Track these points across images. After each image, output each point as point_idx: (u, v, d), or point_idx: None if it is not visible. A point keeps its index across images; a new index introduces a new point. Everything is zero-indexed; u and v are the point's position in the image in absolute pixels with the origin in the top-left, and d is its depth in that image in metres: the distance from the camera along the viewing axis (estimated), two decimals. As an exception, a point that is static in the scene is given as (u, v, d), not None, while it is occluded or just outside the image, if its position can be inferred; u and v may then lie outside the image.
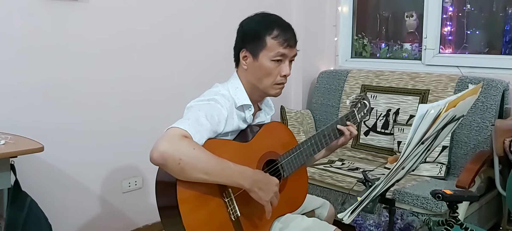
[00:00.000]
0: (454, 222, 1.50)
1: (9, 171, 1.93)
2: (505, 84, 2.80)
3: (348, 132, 1.77)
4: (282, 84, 1.63)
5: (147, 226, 2.89)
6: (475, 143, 2.78)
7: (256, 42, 1.58)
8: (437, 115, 1.19)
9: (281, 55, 1.58)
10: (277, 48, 1.57)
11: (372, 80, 3.31)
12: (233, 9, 3.08)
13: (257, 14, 1.65)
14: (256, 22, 1.62)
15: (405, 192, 2.50)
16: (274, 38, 1.57)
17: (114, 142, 2.68)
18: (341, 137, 1.78)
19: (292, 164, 1.66)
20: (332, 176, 2.81)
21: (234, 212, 1.49)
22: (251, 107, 1.64)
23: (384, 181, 1.34)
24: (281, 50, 1.57)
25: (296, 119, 3.38)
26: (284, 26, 1.60)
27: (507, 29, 3.20)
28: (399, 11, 3.68)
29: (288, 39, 1.58)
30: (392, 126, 3.10)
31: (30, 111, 2.34)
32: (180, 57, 2.94)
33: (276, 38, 1.56)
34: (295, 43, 1.62)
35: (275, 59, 1.57)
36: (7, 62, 2.26)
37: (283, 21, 1.62)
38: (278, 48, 1.57)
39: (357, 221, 2.33)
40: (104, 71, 2.60)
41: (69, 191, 2.54)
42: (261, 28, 1.58)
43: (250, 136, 1.62)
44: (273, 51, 1.57)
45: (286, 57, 1.60)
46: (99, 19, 2.55)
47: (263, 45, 1.57)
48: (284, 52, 1.58)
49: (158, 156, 1.34)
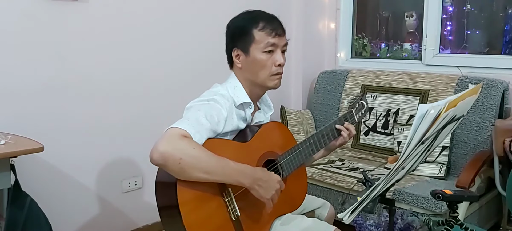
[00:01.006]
0: (454, 222, 1.50)
1: (9, 171, 1.93)
2: (505, 84, 2.80)
3: (346, 132, 1.77)
4: (279, 74, 1.64)
5: (147, 226, 2.89)
6: (475, 143, 2.78)
7: (245, 38, 1.59)
8: (437, 115, 1.19)
9: (271, 45, 1.59)
10: (266, 39, 1.58)
11: (372, 80, 3.31)
12: (233, 9, 3.07)
13: (241, 13, 1.67)
14: (241, 19, 1.64)
15: (405, 192, 2.50)
16: (261, 30, 1.58)
17: (114, 141, 2.69)
18: (339, 137, 1.79)
19: (291, 163, 1.66)
20: (332, 176, 2.80)
21: (234, 211, 1.49)
22: (251, 105, 1.64)
23: (384, 181, 1.34)
24: (271, 40, 1.59)
25: (296, 119, 3.38)
26: (268, 17, 1.62)
27: (507, 29, 3.20)
28: (399, 11, 3.68)
29: (275, 29, 1.60)
30: (392, 126, 3.10)
31: (30, 111, 2.34)
32: (181, 55, 2.94)
33: (263, 30, 1.58)
34: (283, 32, 1.63)
35: (267, 50, 1.59)
36: (7, 61, 2.26)
37: (267, 13, 1.64)
38: (266, 38, 1.58)
39: (357, 221, 2.33)
40: (104, 71, 2.60)
41: (69, 191, 2.54)
42: (247, 23, 1.60)
43: (249, 136, 1.62)
44: (262, 42, 1.58)
45: (277, 47, 1.61)
46: (99, 19, 2.56)
47: (252, 39, 1.59)
48: (273, 41, 1.59)
49: (158, 156, 1.34)
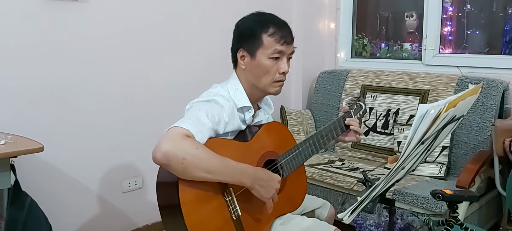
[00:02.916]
0: (454, 222, 1.50)
1: (9, 171, 1.92)
2: (505, 84, 2.80)
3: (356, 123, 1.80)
4: (281, 82, 1.63)
5: (147, 226, 2.89)
6: (475, 143, 2.78)
7: (253, 41, 1.58)
8: (437, 115, 1.19)
9: (278, 53, 1.58)
10: (274, 46, 1.57)
11: (372, 80, 3.31)
12: (233, 9, 3.07)
13: (252, 13, 1.65)
14: (251, 21, 1.62)
15: (405, 192, 2.50)
16: (270, 36, 1.57)
17: (114, 141, 2.68)
18: (349, 132, 1.80)
19: (291, 163, 1.66)
20: (332, 176, 2.80)
21: (235, 211, 1.49)
22: (251, 109, 1.64)
23: (384, 181, 1.34)
24: (278, 47, 1.57)
25: (296, 119, 3.38)
26: (279, 23, 1.60)
27: (507, 29, 3.20)
28: (399, 11, 3.68)
29: (284, 36, 1.58)
30: (392, 126, 3.10)
31: (30, 111, 2.34)
32: (181, 56, 2.94)
33: (272, 36, 1.57)
34: (291, 40, 1.62)
35: (273, 57, 1.58)
36: (7, 62, 2.26)
37: (279, 19, 1.63)
38: (275, 45, 1.57)
39: (357, 221, 2.33)
40: (104, 71, 2.60)
41: (69, 191, 2.54)
42: (257, 26, 1.58)
43: (249, 136, 1.62)
44: (270, 48, 1.57)
45: (284, 55, 1.60)
46: (99, 19, 2.56)
47: (260, 43, 1.57)
48: (281, 49, 1.58)
49: (161, 156, 1.34)
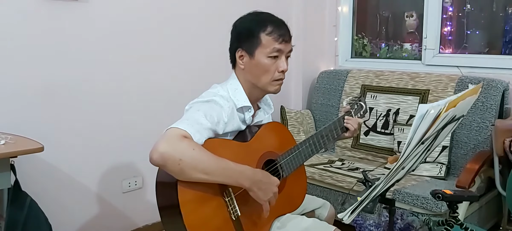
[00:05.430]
0: (454, 222, 1.50)
1: (9, 171, 1.92)
2: (505, 84, 2.80)
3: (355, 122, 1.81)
4: (281, 80, 1.63)
5: (147, 226, 2.89)
6: (475, 143, 2.78)
7: (251, 40, 1.58)
8: (437, 115, 1.19)
9: (277, 51, 1.58)
10: (272, 44, 1.57)
11: (372, 80, 3.31)
12: (232, 10, 3.06)
13: (249, 13, 1.65)
14: (249, 21, 1.62)
15: (405, 192, 2.50)
16: (268, 35, 1.57)
17: (114, 142, 2.68)
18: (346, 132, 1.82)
19: (291, 164, 1.66)
20: (332, 176, 2.80)
21: (235, 211, 1.49)
22: (250, 109, 1.63)
23: (384, 181, 1.34)
24: (277, 46, 1.57)
25: (296, 119, 3.38)
26: (277, 22, 1.61)
27: (507, 29, 3.20)
28: (399, 11, 3.67)
29: (282, 35, 1.58)
30: (392, 126, 3.10)
31: (30, 111, 2.34)
32: (180, 57, 2.94)
33: (271, 34, 1.57)
34: (289, 38, 1.62)
35: (272, 56, 1.58)
36: (7, 62, 2.26)
37: (276, 18, 1.63)
38: (273, 44, 1.57)
39: (357, 221, 2.33)
40: (104, 71, 2.60)
41: (69, 191, 2.54)
42: (255, 26, 1.59)
43: (249, 136, 1.62)
44: (268, 47, 1.57)
45: (282, 53, 1.60)
46: (99, 19, 2.55)
47: (258, 42, 1.57)
48: (279, 47, 1.58)
49: (157, 157, 1.33)
